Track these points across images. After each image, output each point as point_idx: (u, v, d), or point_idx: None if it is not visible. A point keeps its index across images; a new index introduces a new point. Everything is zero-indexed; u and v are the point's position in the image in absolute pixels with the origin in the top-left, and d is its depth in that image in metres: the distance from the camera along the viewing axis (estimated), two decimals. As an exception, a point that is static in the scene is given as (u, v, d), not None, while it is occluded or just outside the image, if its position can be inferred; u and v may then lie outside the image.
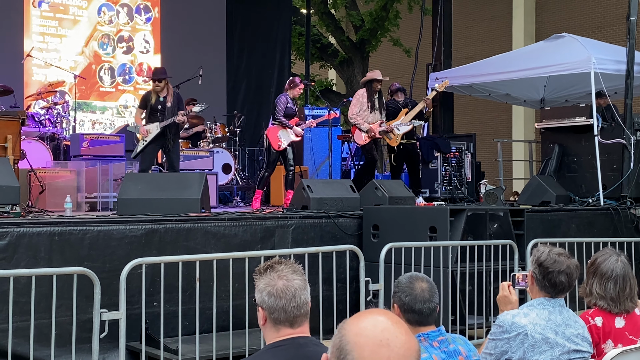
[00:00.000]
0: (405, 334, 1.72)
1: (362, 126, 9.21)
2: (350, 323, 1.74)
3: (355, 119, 9.24)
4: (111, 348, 5.45)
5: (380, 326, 1.71)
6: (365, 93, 9.35)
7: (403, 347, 1.68)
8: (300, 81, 9.03)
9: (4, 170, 6.41)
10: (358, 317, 1.77)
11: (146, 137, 7.99)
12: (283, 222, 7.02)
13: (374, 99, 9.31)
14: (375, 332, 1.70)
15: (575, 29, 17.01)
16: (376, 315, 1.76)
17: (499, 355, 3.26)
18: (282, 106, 8.80)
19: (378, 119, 9.33)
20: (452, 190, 10.43)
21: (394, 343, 1.68)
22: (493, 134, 18.71)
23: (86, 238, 5.92)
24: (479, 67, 12.00)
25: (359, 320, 1.75)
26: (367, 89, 9.37)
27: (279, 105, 8.84)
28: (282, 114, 8.78)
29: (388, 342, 1.68)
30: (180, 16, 13.40)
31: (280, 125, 8.76)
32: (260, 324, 2.57)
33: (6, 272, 4.96)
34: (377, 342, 1.68)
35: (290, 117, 8.85)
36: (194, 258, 5.48)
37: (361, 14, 19.35)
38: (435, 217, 6.87)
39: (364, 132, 9.22)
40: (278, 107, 8.83)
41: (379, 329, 1.70)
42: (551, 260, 3.35)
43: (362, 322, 1.73)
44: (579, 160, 10.40)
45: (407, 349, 1.69)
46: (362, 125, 9.21)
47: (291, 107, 8.89)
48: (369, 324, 1.72)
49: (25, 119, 7.75)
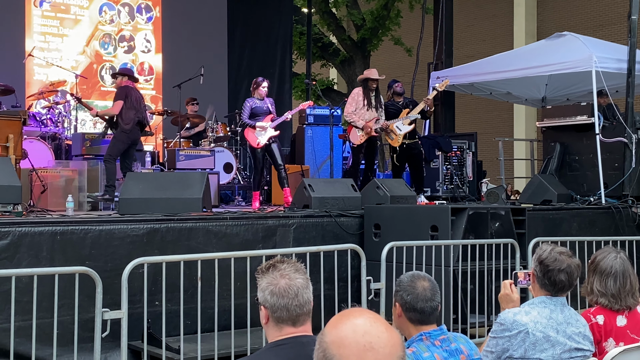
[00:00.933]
0: (386, 331, 1.70)
1: (357, 123, 9.20)
2: (329, 334, 1.71)
3: (351, 117, 9.22)
4: (113, 347, 5.47)
5: (359, 330, 1.69)
6: (361, 91, 9.35)
7: (387, 346, 1.67)
8: (262, 80, 9.05)
9: (5, 170, 6.42)
10: (335, 326, 1.73)
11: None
12: (284, 222, 7.03)
13: (370, 97, 9.31)
14: (356, 338, 1.67)
15: (576, 27, 17.00)
16: (352, 320, 1.72)
17: (500, 353, 3.26)
18: (246, 110, 8.86)
19: (374, 116, 9.32)
20: (453, 189, 10.44)
21: (377, 344, 1.67)
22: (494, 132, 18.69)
23: (88, 237, 5.93)
24: (480, 66, 12.00)
25: (337, 329, 1.71)
26: (363, 87, 9.37)
27: (243, 110, 8.93)
28: (246, 116, 8.83)
29: (372, 345, 1.66)
30: (182, 16, 13.40)
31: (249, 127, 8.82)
32: (263, 322, 2.57)
33: (8, 271, 4.97)
34: (361, 348, 1.66)
35: (260, 116, 8.85)
36: (195, 257, 5.48)
37: (362, 13, 19.33)
38: (436, 216, 6.87)
39: (360, 130, 9.22)
40: (243, 112, 8.93)
41: (359, 334, 1.68)
42: (552, 259, 3.35)
43: (340, 331, 1.70)
44: (581, 159, 10.40)
45: (391, 346, 1.68)
46: (357, 122, 9.20)
47: (259, 107, 8.89)
48: (348, 332, 1.69)
49: (27, 118, 7.77)
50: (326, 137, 10.59)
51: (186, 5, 13.46)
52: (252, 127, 8.79)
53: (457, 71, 12.19)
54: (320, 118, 11.56)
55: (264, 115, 8.86)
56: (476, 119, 20.39)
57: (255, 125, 8.77)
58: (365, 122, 9.18)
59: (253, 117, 8.85)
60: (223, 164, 10.51)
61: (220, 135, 10.92)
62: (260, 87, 8.93)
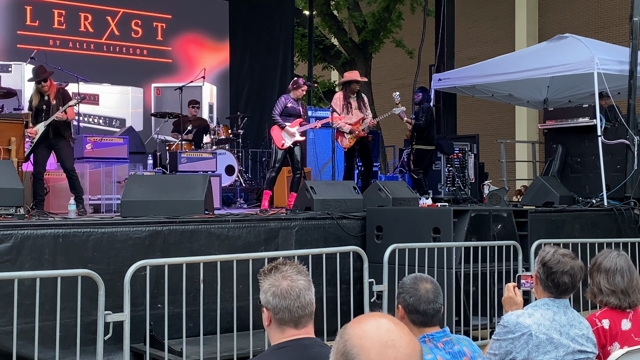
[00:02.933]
0: (408, 334, 1.73)
1: (343, 128, 9.20)
2: (353, 327, 1.74)
3: (336, 122, 9.19)
4: (115, 350, 5.46)
5: (383, 327, 1.72)
6: (342, 95, 9.34)
7: (409, 347, 1.69)
8: (303, 82, 9.00)
9: (8, 173, 6.43)
10: (359, 321, 1.76)
11: (34, 137, 7.61)
12: (287, 224, 7.03)
13: (350, 100, 9.30)
14: (379, 333, 1.70)
15: (578, 29, 17.00)
16: (377, 318, 1.76)
17: (504, 355, 3.26)
18: (280, 106, 8.77)
19: (360, 117, 9.29)
20: (455, 191, 10.44)
21: (399, 343, 1.69)
22: (496, 134, 18.71)
23: (90, 240, 5.93)
24: (481, 68, 12.00)
25: (361, 323, 1.75)
26: (344, 91, 9.37)
27: (277, 104, 8.83)
28: (277, 112, 8.73)
29: (394, 343, 1.68)
30: (184, 19, 13.41)
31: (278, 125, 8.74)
32: (265, 324, 2.57)
33: (10, 274, 4.98)
34: (382, 343, 1.68)
35: (291, 117, 8.79)
36: (198, 260, 5.49)
37: (364, 15, 19.35)
38: (438, 218, 6.87)
39: (348, 134, 9.20)
40: (275, 107, 8.83)
41: (383, 331, 1.71)
42: (555, 261, 3.35)
43: (364, 325, 1.73)
44: (583, 161, 10.40)
45: (412, 348, 1.70)
46: (344, 127, 9.19)
47: (293, 107, 8.83)
48: (372, 327, 1.72)
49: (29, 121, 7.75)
50: (328, 139, 10.59)
51: (189, 8, 13.46)
52: (281, 127, 8.72)
53: (458, 73, 12.19)
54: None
55: (295, 117, 8.79)
56: (478, 120, 20.39)
57: (285, 126, 8.69)
58: (352, 125, 9.17)
59: (285, 116, 8.75)
60: (225, 166, 10.52)
61: (222, 138, 10.93)
62: (300, 89, 8.85)
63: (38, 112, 7.75)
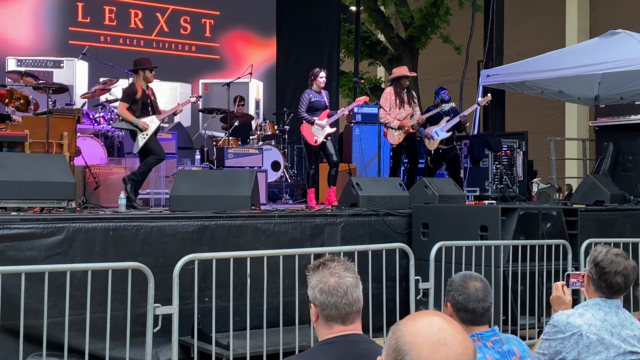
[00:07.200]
0: (461, 333, 1.72)
1: (392, 124, 9.14)
2: (405, 324, 1.74)
3: (385, 117, 9.14)
4: (163, 342, 5.55)
5: (436, 326, 1.71)
6: (392, 90, 9.29)
7: (461, 346, 1.68)
8: (318, 70, 8.79)
9: (60, 167, 6.56)
10: (412, 318, 1.76)
11: (147, 130, 7.62)
12: (332, 220, 7.03)
13: (402, 95, 9.24)
14: (432, 331, 1.69)
15: (630, 25, 16.60)
16: (430, 316, 1.75)
17: (553, 355, 3.21)
18: (305, 102, 8.62)
19: (409, 112, 9.25)
20: (503, 188, 10.30)
21: (451, 342, 1.68)
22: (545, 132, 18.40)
23: (140, 234, 6.02)
24: (531, 64, 11.81)
25: (414, 321, 1.74)
26: (394, 86, 9.32)
27: (301, 101, 8.67)
28: (304, 109, 8.60)
29: (446, 341, 1.68)
30: (232, 15, 13.51)
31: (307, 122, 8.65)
32: (313, 320, 2.57)
33: (63, 266, 5.09)
34: (435, 341, 1.67)
35: (318, 111, 8.66)
36: (245, 254, 5.53)
37: (411, 11, 19.23)
38: (486, 216, 6.80)
39: (396, 130, 9.15)
40: (300, 104, 8.68)
41: (435, 329, 1.70)
42: (608, 261, 3.29)
43: (417, 322, 1.73)
44: (634, 159, 10.19)
45: (465, 347, 1.69)
46: (392, 123, 9.14)
47: (317, 101, 8.66)
48: (425, 324, 1.72)
49: (81, 116, 7.91)
50: (374, 135, 10.56)
51: (236, 5, 13.56)
52: (311, 123, 8.62)
53: (507, 69, 12.03)
54: (368, 117, 11.55)
55: (321, 110, 8.68)
56: (527, 117, 20.10)
57: (314, 121, 8.59)
58: (401, 121, 9.13)
59: (311, 111, 8.64)
60: (271, 162, 10.57)
61: (268, 134, 10.98)
62: (318, 78, 8.68)
63: (144, 105, 7.74)
